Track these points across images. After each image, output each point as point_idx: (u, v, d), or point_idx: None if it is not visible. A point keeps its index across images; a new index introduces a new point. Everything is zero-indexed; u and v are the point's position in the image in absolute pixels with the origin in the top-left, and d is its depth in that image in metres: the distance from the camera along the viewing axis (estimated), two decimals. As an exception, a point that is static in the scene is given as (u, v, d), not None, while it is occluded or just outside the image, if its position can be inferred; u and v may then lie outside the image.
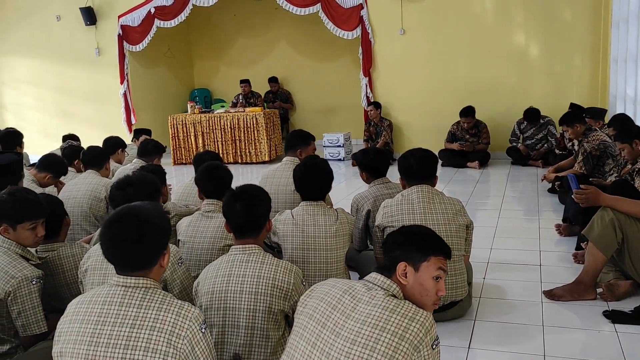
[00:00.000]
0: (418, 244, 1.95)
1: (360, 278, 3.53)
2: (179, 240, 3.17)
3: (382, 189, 3.67)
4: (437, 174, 3.30)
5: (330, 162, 8.73)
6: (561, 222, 4.75)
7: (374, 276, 1.90)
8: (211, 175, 3.26)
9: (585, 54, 7.88)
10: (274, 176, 4.07)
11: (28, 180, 4.23)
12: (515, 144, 7.93)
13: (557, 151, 7.34)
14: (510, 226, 5.07)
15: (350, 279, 3.29)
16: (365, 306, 1.79)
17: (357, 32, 8.64)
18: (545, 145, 7.67)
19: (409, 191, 3.16)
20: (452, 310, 3.11)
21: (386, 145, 8.49)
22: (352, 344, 1.72)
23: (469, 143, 8.00)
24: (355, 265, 3.65)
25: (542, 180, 6.15)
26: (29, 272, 2.58)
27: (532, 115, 7.63)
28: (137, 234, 1.80)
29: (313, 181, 3.10)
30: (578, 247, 4.11)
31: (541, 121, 7.67)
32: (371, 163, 3.78)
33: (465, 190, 6.54)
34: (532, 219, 5.29)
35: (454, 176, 7.46)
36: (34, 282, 2.56)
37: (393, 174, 3.61)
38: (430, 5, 8.36)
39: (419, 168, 3.20)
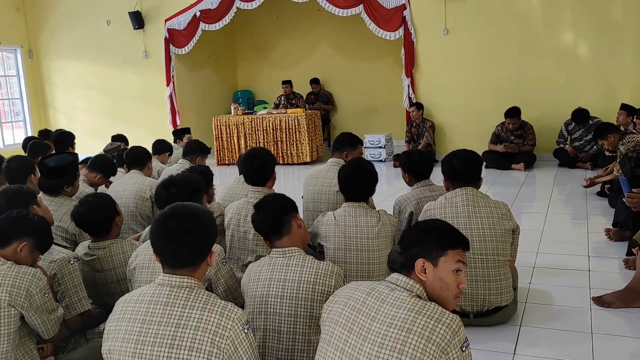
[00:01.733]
0: (434, 238, 1.90)
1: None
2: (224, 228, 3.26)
3: (425, 191, 3.64)
4: (482, 176, 3.25)
5: (371, 164, 8.60)
6: (611, 227, 4.59)
7: (396, 277, 1.87)
8: (251, 161, 3.36)
9: (636, 52, 7.60)
10: (318, 176, 4.08)
11: (80, 180, 4.38)
12: (562, 146, 7.72)
13: (607, 153, 7.09)
14: (557, 230, 4.94)
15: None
16: (390, 308, 1.76)
17: (400, 32, 8.58)
18: (595, 147, 7.42)
19: (452, 194, 3.12)
20: (497, 315, 3.06)
21: (428, 146, 8.40)
22: (380, 347, 1.70)
23: (514, 144, 7.83)
24: (397, 269, 3.61)
25: (584, 186, 5.93)
26: (65, 254, 2.73)
27: (580, 116, 7.41)
28: (187, 231, 1.84)
29: (358, 182, 3.10)
30: (629, 253, 3.96)
31: (590, 122, 7.43)
32: (414, 165, 3.75)
33: (510, 192, 6.40)
34: (580, 223, 5.14)
35: (498, 178, 7.31)
36: (71, 262, 2.70)
37: (436, 175, 3.57)
38: (475, 4, 8.23)
39: (463, 170, 3.15)
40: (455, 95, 8.55)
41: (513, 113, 7.71)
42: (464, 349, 1.71)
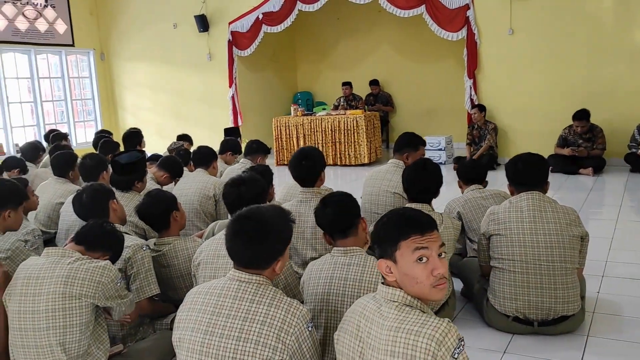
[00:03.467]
0: (384, 234, 1.76)
1: (463, 285, 3.48)
2: None
3: (474, 193, 3.74)
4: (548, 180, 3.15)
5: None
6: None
7: (379, 288, 1.77)
8: (299, 162, 3.39)
9: None
10: (377, 177, 4.07)
11: (148, 177, 4.55)
12: (634, 150, 7.35)
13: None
14: (628, 238, 4.71)
15: (452, 285, 3.24)
16: (377, 329, 1.68)
17: (463, 33, 8.43)
18: (671, 151, 7.03)
19: (517, 198, 3.04)
20: (563, 324, 2.95)
21: (490, 149, 8.21)
22: None
23: (583, 148, 7.52)
24: (458, 272, 3.57)
25: None
26: (139, 241, 2.88)
27: (655, 119, 7.04)
28: (260, 235, 1.89)
29: (423, 182, 3.09)
30: None
31: (665, 126, 7.05)
32: (470, 175, 3.90)
33: (578, 198, 6.15)
34: (653, 232, 4.89)
35: (565, 183, 7.05)
36: (144, 248, 2.85)
37: (497, 178, 3.50)
38: (542, 4, 7.96)
39: (528, 174, 3.06)
40: (519, 97, 8.31)
41: (582, 115, 7.42)
42: (456, 355, 1.58)
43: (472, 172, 3.95)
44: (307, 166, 3.38)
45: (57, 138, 6.93)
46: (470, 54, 8.46)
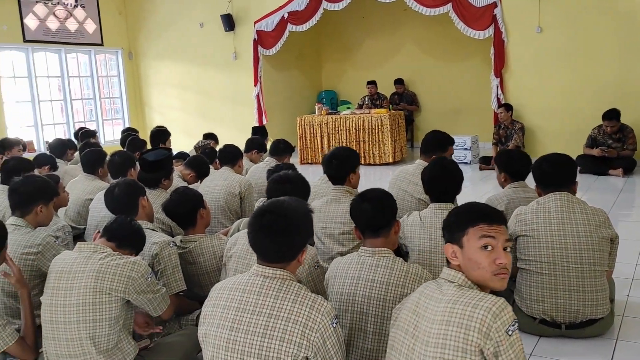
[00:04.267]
0: (455, 220, 1.89)
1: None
2: None
3: (518, 191, 3.51)
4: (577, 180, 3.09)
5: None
6: None
7: (444, 270, 1.88)
8: (330, 161, 3.46)
9: None
10: (404, 178, 4.03)
11: (174, 174, 4.61)
12: (666, 151, 7.18)
13: None
14: (660, 241, 4.61)
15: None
16: (435, 304, 1.77)
17: (490, 31, 8.34)
18: None
19: (545, 198, 2.99)
20: (591, 327, 2.90)
21: (517, 149, 8.08)
22: (426, 345, 1.72)
23: (612, 149, 7.37)
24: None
25: None
26: (166, 237, 2.93)
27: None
28: (282, 227, 1.90)
29: (443, 182, 3.05)
30: None
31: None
32: (514, 163, 3.62)
33: (607, 199, 6.03)
34: (686, 235, 4.76)
35: (594, 184, 6.92)
36: (171, 245, 2.89)
37: (526, 180, 3.44)
38: (571, 1, 7.82)
39: (555, 174, 3.01)
40: (547, 96, 8.18)
41: (612, 115, 7.27)
42: (510, 332, 1.64)
43: (520, 166, 3.58)
44: (336, 165, 3.43)
45: (85, 136, 7.06)
46: (497, 53, 8.36)
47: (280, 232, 1.90)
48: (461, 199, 3.16)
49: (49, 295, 2.43)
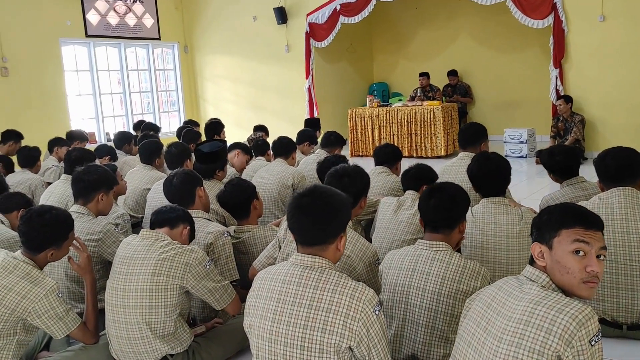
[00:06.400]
0: (548, 220, 1.79)
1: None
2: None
3: (575, 190, 3.38)
4: (642, 176, 2.95)
5: (511, 160, 8.21)
6: None
7: (526, 269, 1.81)
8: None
9: None
10: (449, 172, 3.98)
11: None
12: None
13: None
14: None
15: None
16: (514, 301, 1.72)
17: (549, 20, 8.04)
18: None
19: (608, 194, 2.87)
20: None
21: (577, 142, 7.80)
22: (499, 341, 1.67)
23: (680, 143, 7.00)
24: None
25: None
26: (220, 227, 3.00)
27: None
28: (320, 207, 1.91)
29: (490, 177, 2.98)
30: None
31: None
32: (558, 164, 3.47)
33: (673, 196, 5.73)
34: None
35: (659, 180, 6.58)
36: (225, 235, 2.96)
37: (583, 174, 3.31)
38: (638, -13, 7.45)
39: (618, 169, 2.89)
40: (609, 87, 7.82)
41: (680, 107, 6.89)
42: (593, 343, 1.57)
43: (566, 164, 3.41)
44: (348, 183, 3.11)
45: (147, 128, 7.27)
46: (557, 42, 8.06)
47: (318, 211, 1.90)
48: (516, 194, 3.08)
49: (112, 279, 2.53)
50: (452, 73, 10.66)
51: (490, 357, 1.69)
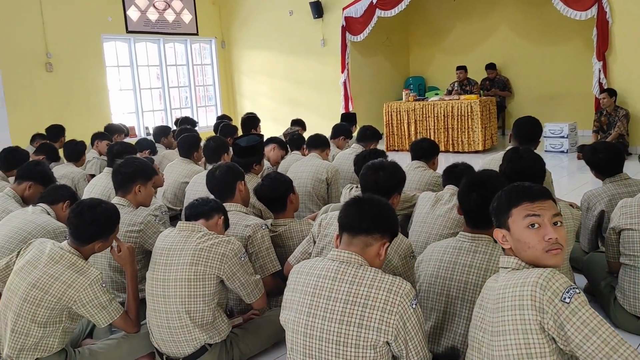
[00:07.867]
0: (497, 205, 1.86)
1: (587, 282, 3.26)
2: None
3: (619, 186, 3.27)
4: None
5: (551, 155, 7.97)
6: None
7: (500, 259, 1.87)
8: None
9: None
10: (489, 165, 3.92)
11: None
12: None
13: None
14: None
15: (574, 281, 3.05)
16: (491, 293, 1.77)
17: (592, 11, 7.80)
18: None
19: (654, 190, 2.79)
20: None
21: (620, 137, 7.56)
22: (491, 335, 1.71)
23: None
24: (581, 268, 3.33)
25: None
26: (258, 220, 3.03)
27: None
28: (375, 203, 2.01)
29: (522, 176, 2.89)
30: None
31: None
32: (601, 162, 3.35)
33: None
34: None
35: None
36: (263, 227, 2.99)
37: (628, 169, 3.21)
38: (688, -24, 7.16)
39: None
40: (656, 80, 7.56)
41: None
42: (567, 299, 1.56)
43: (609, 162, 3.29)
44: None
45: (185, 122, 7.39)
46: (600, 34, 7.82)
47: (373, 205, 1.99)
48: (557, 189, 3.01)
49: (152, 270, 2.60)
50: (490, 66, 10.47)
51: (490, 353, 1.71)
